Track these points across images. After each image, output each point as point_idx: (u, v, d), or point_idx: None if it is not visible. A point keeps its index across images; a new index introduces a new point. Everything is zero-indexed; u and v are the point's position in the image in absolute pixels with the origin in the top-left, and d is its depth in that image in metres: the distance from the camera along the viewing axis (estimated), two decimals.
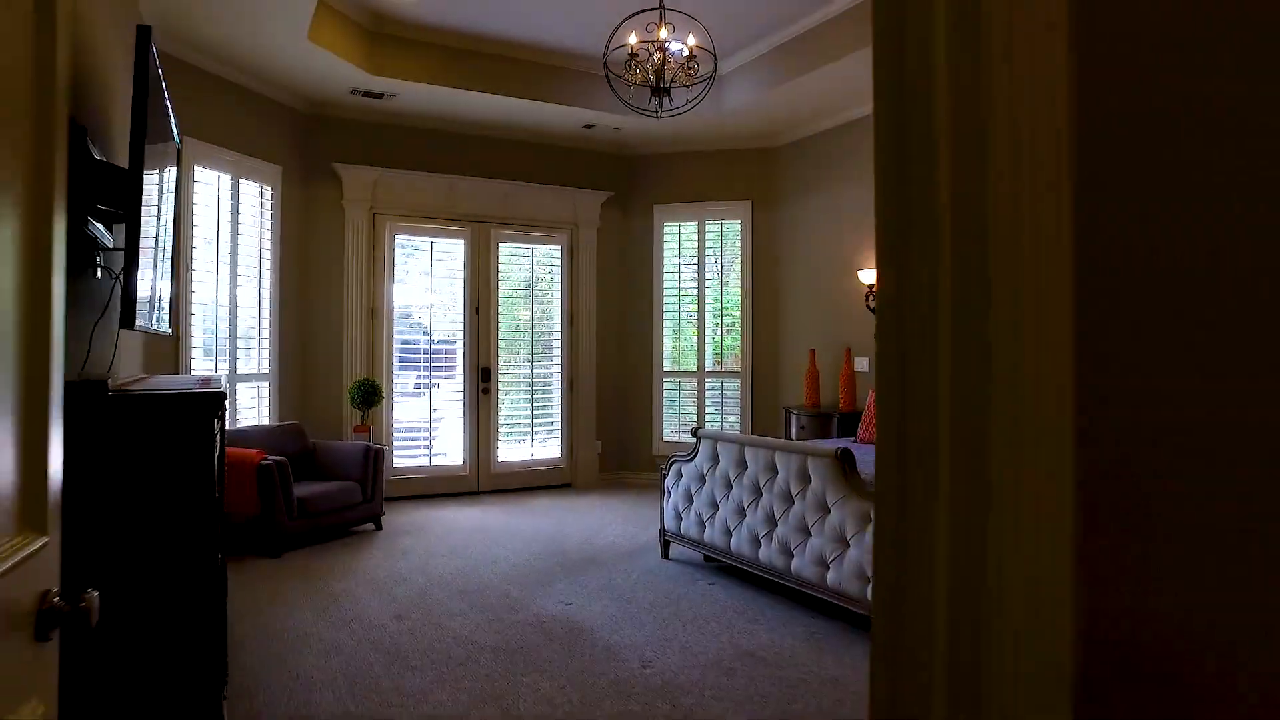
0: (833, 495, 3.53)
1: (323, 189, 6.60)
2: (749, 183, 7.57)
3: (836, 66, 5.62)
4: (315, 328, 6.58)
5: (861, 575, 3.36)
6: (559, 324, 7.53)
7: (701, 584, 4.36)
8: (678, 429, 7.71)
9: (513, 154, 7.36)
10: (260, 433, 5.44)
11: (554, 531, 5.66)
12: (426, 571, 4.60)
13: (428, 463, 6.96)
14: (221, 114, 5.64)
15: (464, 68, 6.21)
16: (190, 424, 2.12)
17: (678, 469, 4.76)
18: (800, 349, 7.23)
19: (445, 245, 7.02)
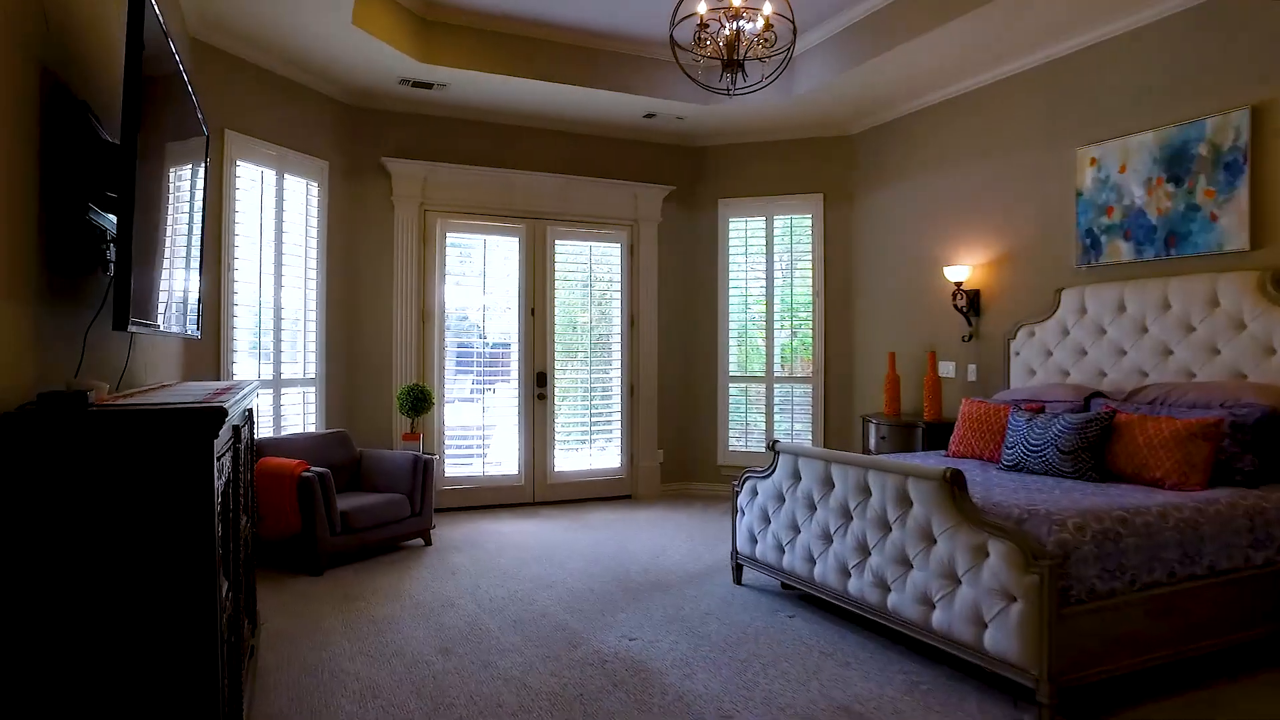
0: (940, 523, 3.04)
1: (371, 185, 6.31)
2: (820, 174, 7.06)
3: (918, 44, 5.09)
4: (363, 330, 6.29)
5: (975, 618, 2.86)
6: (618, 326, 7.13)
7: (780, 616, 3.89)
8: (744, 438, 7.23)
9: (570, 146, 6.98)
10: (304, 441, 5.15)
11: (615, 549, 5.25)
12: (477, 595, 4.22)
13: (481, 472, 6.62)
14: (264, 107, 5.37)
15: (518, 55, 5.85)
16: (176, 447, 1.74)
17: (752, 485, 4.30)
18: (878, 353, 6.69)
19: (499, 243, 6.68)
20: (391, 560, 4.89)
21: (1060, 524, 2.82)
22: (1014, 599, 2.73)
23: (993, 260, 5.66)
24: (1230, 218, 4.20)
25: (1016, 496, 3.28)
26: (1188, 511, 3.12)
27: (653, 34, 5.99)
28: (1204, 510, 3.17)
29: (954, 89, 5.89)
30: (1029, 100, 5.36)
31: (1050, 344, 5.07)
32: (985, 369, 5.72)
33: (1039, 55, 5.22)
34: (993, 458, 4.53)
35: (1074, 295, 4.92)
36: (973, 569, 2.88)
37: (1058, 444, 3.92)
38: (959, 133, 5.91)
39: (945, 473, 3.00)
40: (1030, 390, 4.84)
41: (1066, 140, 5.10)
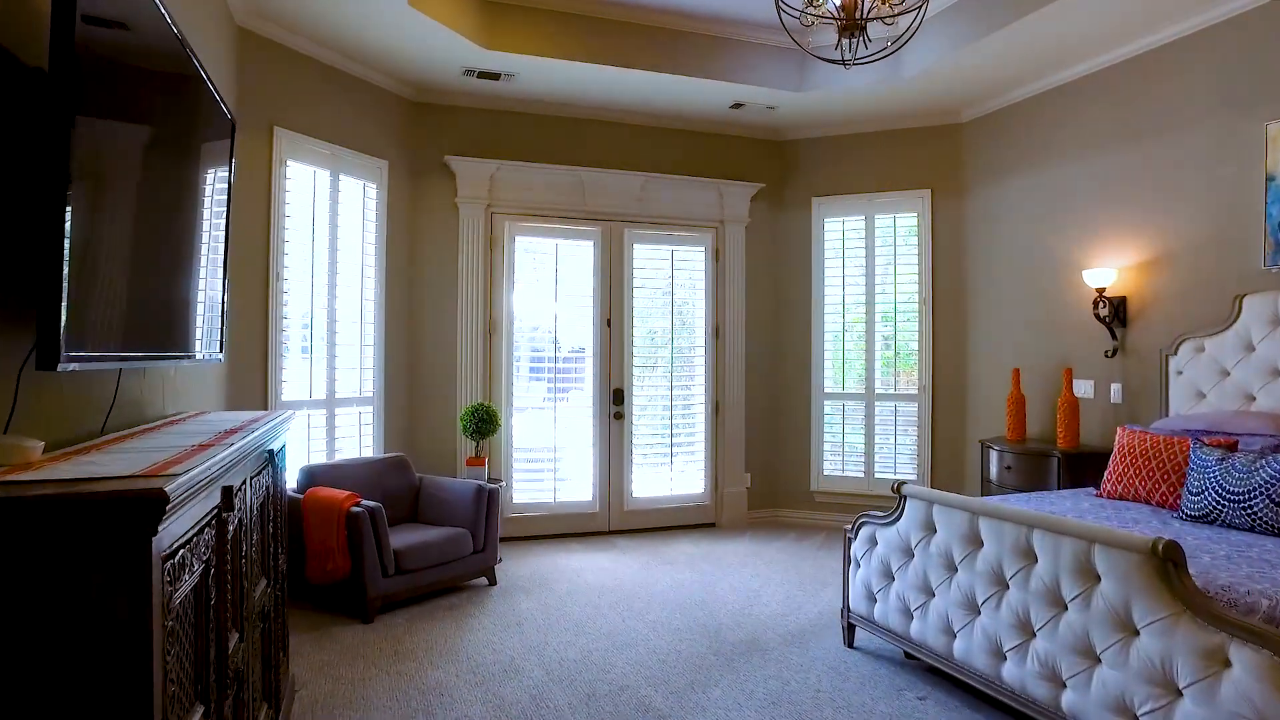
0: (1146, 612, 2.29)
1: (433, 186, 5.83)
2: (928, 168, 6.28)
3: (1055, 9, 4.30)
4: (425, 343, 5.81)
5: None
6: (702, 337, 6.48)
7: (909, 698, 3.18)
8: (840, 462, 6.48)
9: (649, 141, 6.38)
10: (358, 468, 4.67)
11: (701, 594, 4.60)
12: (544, 656, 3.63)
13: (551, 499, 6.05)
14: (317, 102, 4.93)
15: (591, 39, 5.27)
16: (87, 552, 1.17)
17: (871, 533, 3.59)
18: (995, 368, 5.87)
19: (572, 248, 6.11)
20: (450, 605, 4.35)
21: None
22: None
23: (1145, 262, 4.80)
24: None
25: (1243, 572, 2.50)
26: None
27: (742, 13, 5.33)
28: None
29: (1096, 62, 5.04)
30: (1196, 69, 4.49)
31: (1227, 362, 4.21)
32: (1133, 390, 4.86)
33: (1213, 14, 4.36)
34: (1165, 503, 3.71)
35: (1263, 302, 4.05)
36: (1204, 681, 2.13)
37: (1271, 494, 3.10)
38: (1100, 113, 5.06)
39: (1156, 544, 2.25)
40: (1207, 419, 3.99)
41: (1249, 114, 4.22)
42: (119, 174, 1.82)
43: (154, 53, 2.03)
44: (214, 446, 1.64)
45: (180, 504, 1.25)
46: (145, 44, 1.99)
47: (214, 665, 1.56)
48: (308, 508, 4.08)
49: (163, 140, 2.16)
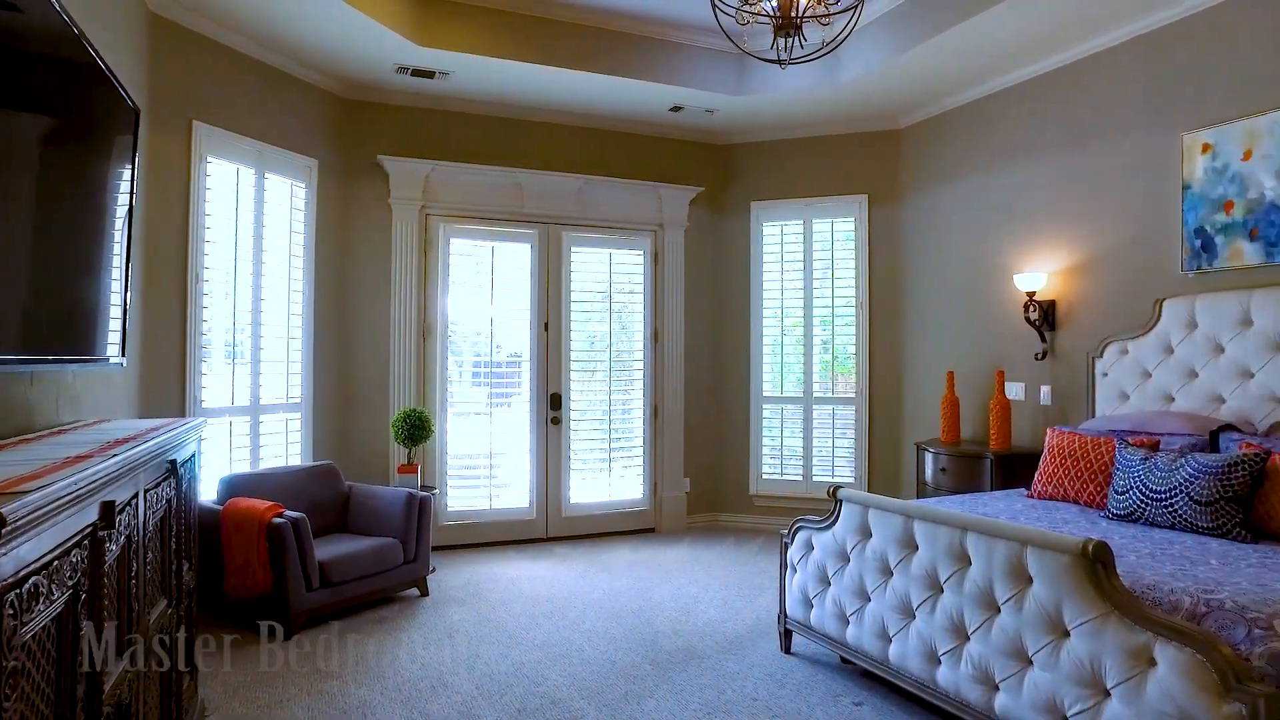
0: (1076, 613, 2.30)
1: (366, 186, 5.66)
2: (865, 173, 6.34)
3: (990, 17, 4.37)
4: (357, 347, 5.62)
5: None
6: (641, 341, 6.42)
7: (845, 704, 3.16)
8: (779, 465, 6.49)
9: (587, 143, 6.30)
10: (283, 477, 4.48)
11: (638, 601, 4.53)
12: (475, 669, 3.51)
13: (488, 505, 5.92)
14: (242, 97, 4.73)
15: (529, 38, 5.18)
16: None
17: (807, 538, 3.57)
18: (931, 371, 5.94)
19: (509, 250, 6.00)
20: (379, 618, 4.19)
21: (1265, 626, 2.07)
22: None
23: (1073, 266, 4.91)
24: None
25: (1166, 570, 2.53)
26: None
27: (681, 15, 5.30)
28: None
29: (1027, 71, 5.15)
30: (1121, 80, 4.61)
31: (1148, 364, 4.32)
32: (1062, 392, 4.96)
33: (1135, 26, 4.48)
34: (1093, 503, 3.77)
35: (1180, 306, 4.16)
36: (1130, 681, 2.14)
37: (1190, 492, 3.17)
38: (1033, 121, 5.17)
39: (1085, 545, 2.26)
40: (1131, 420, 4.08)
41: (1168, 125, 4.35)
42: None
43: (36, 34, 1.88)
44: (92, 458, 1.50)
45: (28, 526, 1.12)
46: (27, 25, 1.84)
47: (83, 703, 1.42)
48: (227, 520, 3.88)
49: (50, 130, 2.01)
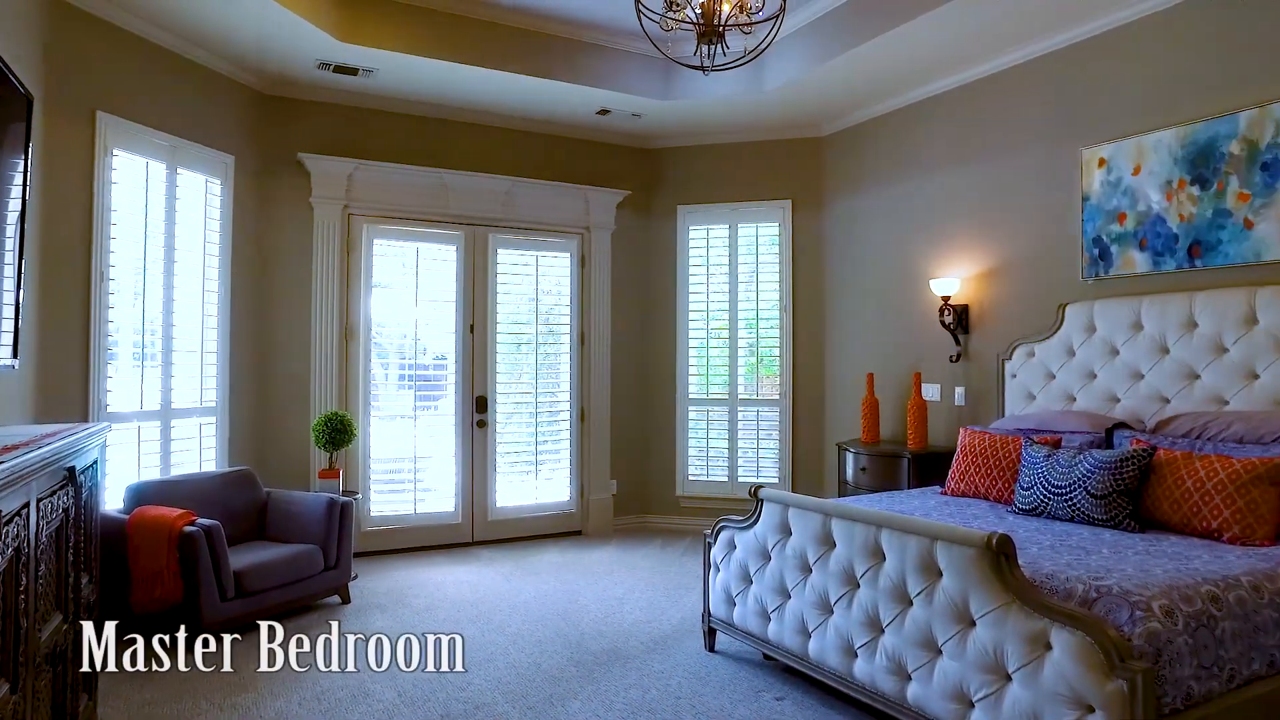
0: (982, 603, 2.40)
1: (286, 184, 5.51)
2: (789, 179, 6.48)
3: (905, 31, 4.53)
4: (276, 349, 5.47)
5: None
6: (568, 343, 6.42)
7: (767, 699, 3.22)
8: (705, 467, 6.57)
9: (515, 145, 6.27)
10: (196, 484, 4.32)
11: (565, 604, 4.53)
12: (397, 677, 3.46)
13: (412, 510, 5.82)
14: (153, 89, 4.55)
15: (456, 37, 5.13)
16: None
17: (729, 537, 3.63)
18: (853, 373, 6.11)
19: (434, 251, 5.92)
20: (298, 627, 4.08)
21: (1144, 608, 2.21)
22: (1091, 709, 2.10)
23: (985, 272, 5.12)
24: (1269, 224, 3.70)
25: (1064, 560, 2.67)
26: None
27: (609, 19, 5.33)
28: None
29: (941, 84, 5.35)
30: (1028, 95, 4.84)
31: (1052, 365, 4.54)
32: (975, 393, 5.17)
33: (1041, 45, 4.71)
34: (1002, 498, 3.94)
35: (1081, 311, 4.39)
36: (1029, 665, 2.25)
37: (1088, 486, 3.34)
38: (947, 132, 5.38)
39: (990, 538, 2.36)
40: (1036, 419, 4.28)
41: (1071, 139, 4.58)
42: None
43: None
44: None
45: None
46: None
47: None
48: (134, 529, 3.72)
49: None
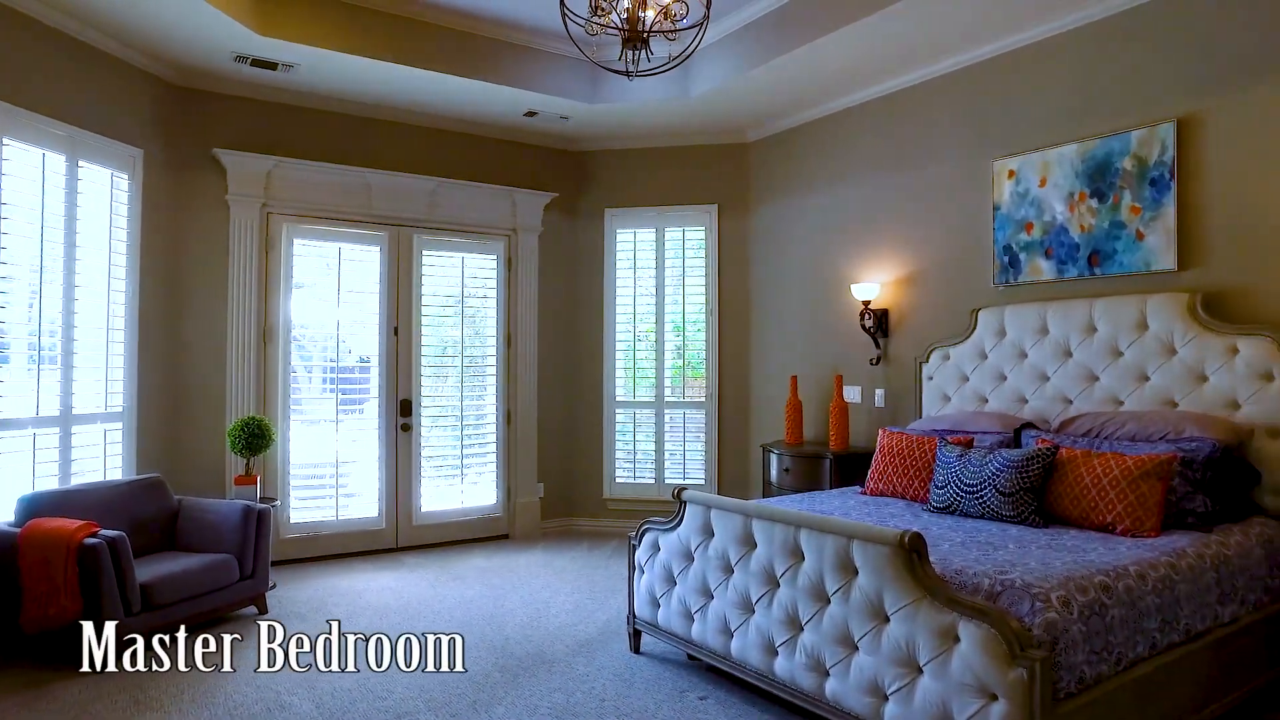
0: (895, 599, 2.48)
1: (201, 180, 5.32)
2: (716, 184, 6.57)
3: (827, 42, 4.65)
4: (189, 352, 5.27)
5: (943, 716, 2.31)
6: (494, 346, 6.36)
7: (690, 699, 3.26)
8: (632, 469, 6.60)
9: (440, 145, 6.19)
10: (99, 493, 4.13)
11: (490, 608, 4.49)
12: (315, 688, 3.37)
13: (334, 516, 5.68)
14: (51, 76, 4.34)
15: (380, 35, 5.04)
16: None
17: (653, 539, 3.66)
18: (778, 376, 6.23)
19: (357, 252, 5.80)
20: (210, 640, 3.94)
21: (1044, 599, 2.32)
22: (995, 697, 2.19)
23: (903, 278, 5.29)
24: (1157, 236, 3.93)
25: (973, 555, 2.78)
26: (1163, 569, 2.71)
27: (536, 20, 5.31)
28: (1176, 565, 2.77)
29: (862, 95, 5.50)
30: (943, 108, 5.02)
31: (966, 368, 4.72)
32: (894, 395, 5.33)
33: (955, 60, 4.89)
34: (918, 497, 4.08)
35: (992, 316, 4.58)
36: (939, 657, 2.33)
37: (996, 484, 3.49)
38: (867, 141, 5.53)
39: (902, 537, 2.44)
40: (951, 420, 4.44)
41: (983, 152, 4.77)
42: None
43: None
44: None
45: None
46: None
47: None
48: (25, 543, 3.54)
49: None
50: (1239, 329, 3.59)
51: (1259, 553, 3.13)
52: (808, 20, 4.70)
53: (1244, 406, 3.55)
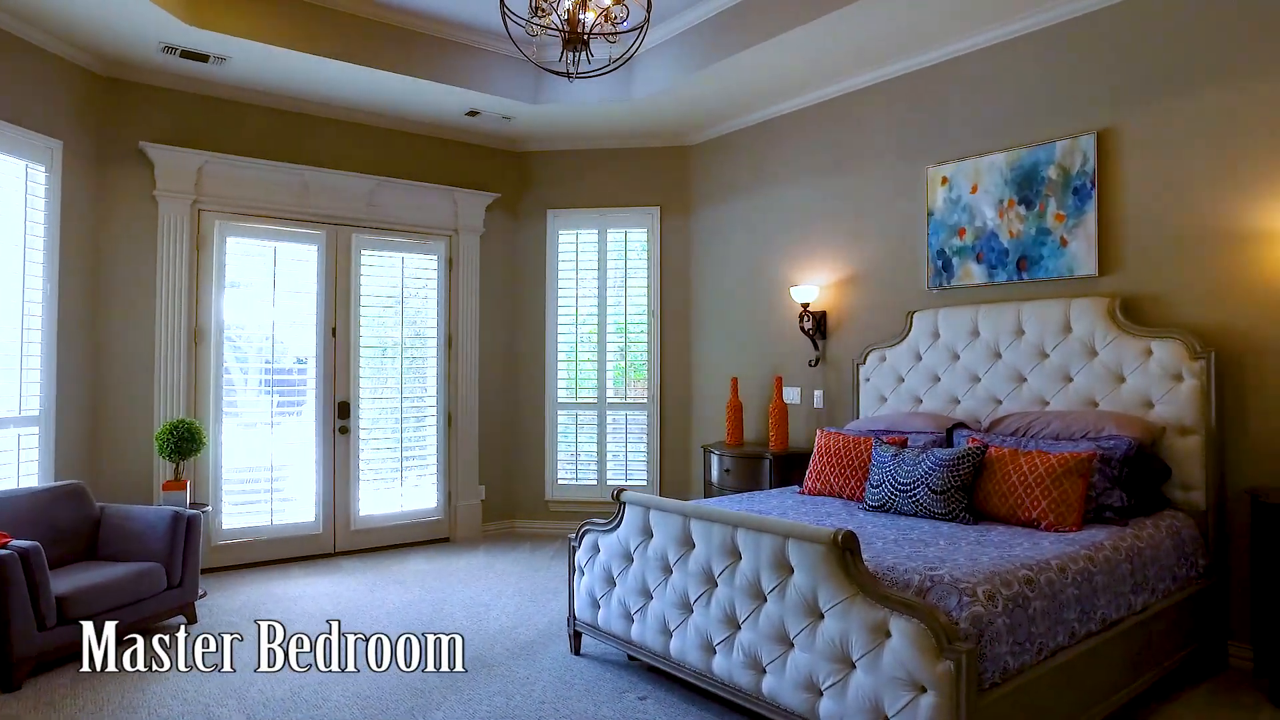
0: (829, 596, 2.53)
1: (127, 175, 5.14)
2: (657, 187, 6.60)
3: (768, 48, 4.72)
4: (114, 353, 5.08)
5: (875, 711, 2.37)
6: (434, 347, 6.29)
7: (631, 699, 3.27)
8: (575, 470, 6.59)
9: (380, 144, 6.10)
10: (13, 501, 3.95)
11: (430, 612, 4.43)
12: (246, 698, 3.29)
13: (269, 521, 5.55)
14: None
15: (317, 29, 4.94)
16: None
17: (593, 541, 3.66)
18: (719, 377, 6.29)
19: (294, 251, 5.67)
20: (135, 653, 3.80)
21: (970, 594, 2.39)
22: (924, 689, 2.26)
23: (841, 281, 5.39)
24: (1080, 243, 4.09)
25: (904, 553, 2.85)
26: (1081, 561, 2.82)
27: (478, 19, 5.27)
28: (1094, 558, 2.89)
29: (802, 100, 5.60)
30: (880, 115, 5.14)
31: (902, 369, 4.83)
32: (833, 395, 5.43)
33: (891, 69, 5.01)
34: (855, 496, 4.16)
35: (926, 318, 4.70)
36: (871, 652, 2.39)
37: (929, 483, 3.58)
38: (807, 146, 5.63)
39: (836, 535, 2.50)
40: (887, 420, 4.55)
41: (918, 158, 4.90)
42: None
43: None
44: None
45: None
46: None
47: None
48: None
49: None
50: (1154, 332, 3.75)
51: (1168, 544, 3.28)
52: (750, 26, 4.76)
53: (1157, 406, 3.72)
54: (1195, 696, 3.28)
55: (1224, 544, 3.63)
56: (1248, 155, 3.59)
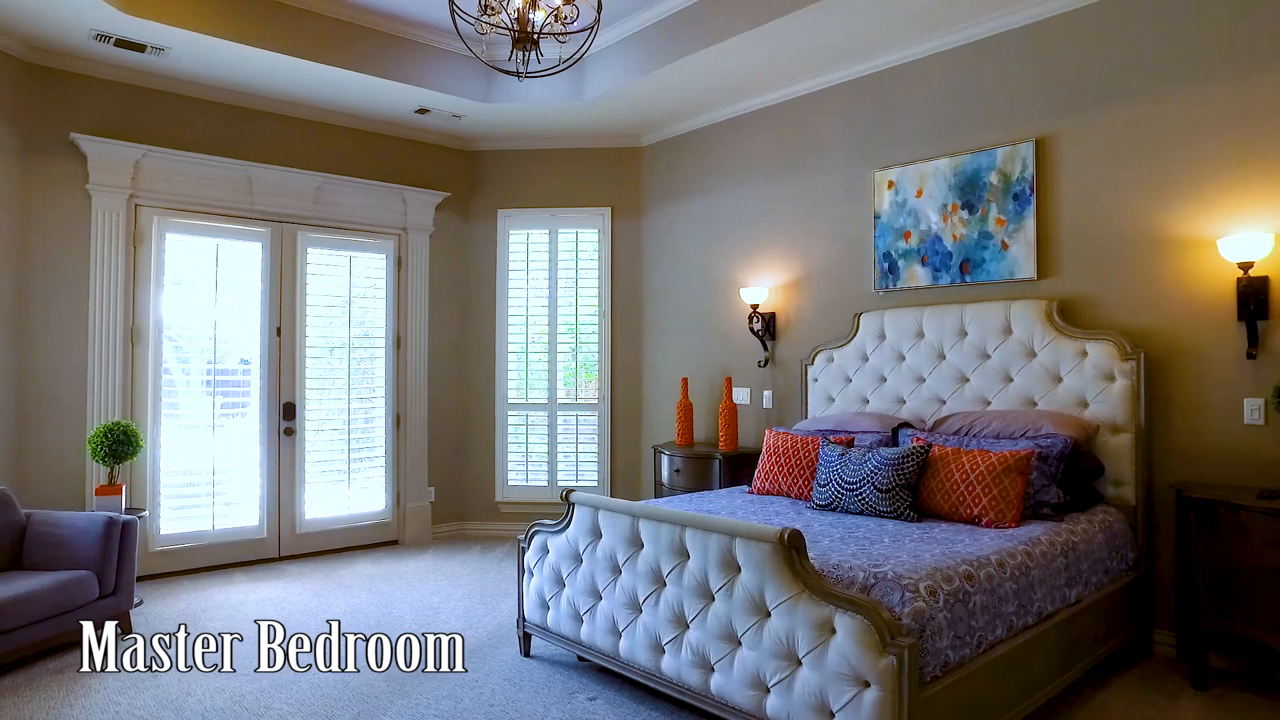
0: (776, 594, 2.56)
1: (57, 167, 4.96)
2: (609, 187, 6.60)
3: (718, 51, 4.76)
4: (42, 353, 4.90)
5: (820, 707, 2.41)
6: (383, 347, 6.20)
7: (580, 700, 3.27)
8: (525, 472, 6.56)
9: (328, 140, 5.99)
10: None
11: (378, 616, 4.37)
12: (184, 709, 3.20)
13: (210, 526, 5.40)
14: None
15: (260, 21, 4.83)
16: None
17: (543, 542, 3.65)
18: (670, 377, 6.31)
19: (237, 249, 5.53)
20: (61, 666, 3.67)
21: (913, 590, 2.44)
22: (867, 685, 2.30)
23: (790, 282, 5.46)
24: (1020, 246, 4.21)
25: (850, 550, 2.90)
26: (1020, 556, 2.90)
27: (429, 17, 5.21)
28: (1031, 553, 2.97)
29: (752, 103, 5.65)
30: (829, 119, 5.21)
31: (849, 370, 4.91)
32: (782, 396, 5.50)
33: (840, 74, 5.09)
34: (803, 495, 4.22)
35: (873, 320, 4.78)
36: (817, 649, 2.42)
37: (875, 481, 3.65)
38: (757, 149, 5.68)
39: (782, 534, 2.53)
40: (834, 420, 4.62)
41: (865, 162, 4.99)
42: None
43: None
44: None
45: None
46: None
47: None
48: None
49: None
50: (1088, 334, 3.88)
51: (1101, 538, 3.40)
52: (700, 30, 4.79)
53: (1091, 405, 3.84)
54: (1124, 682, 3.41)
55: (1151, 537, 3.77)
56: (1175, 166, 3.74)
